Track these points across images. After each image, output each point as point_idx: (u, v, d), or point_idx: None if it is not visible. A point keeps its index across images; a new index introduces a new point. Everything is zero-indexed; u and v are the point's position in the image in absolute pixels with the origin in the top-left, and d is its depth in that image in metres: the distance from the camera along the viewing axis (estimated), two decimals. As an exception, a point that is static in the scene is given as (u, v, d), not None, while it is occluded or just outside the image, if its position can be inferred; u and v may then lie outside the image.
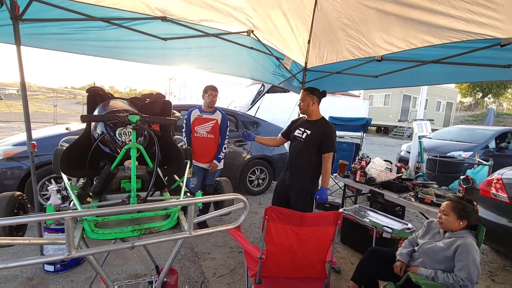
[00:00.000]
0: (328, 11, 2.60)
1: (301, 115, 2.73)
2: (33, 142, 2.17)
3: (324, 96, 2.57)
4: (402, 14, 2.18)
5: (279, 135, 2.81)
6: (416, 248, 1.96)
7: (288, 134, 2.70)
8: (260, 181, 4.85)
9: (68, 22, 2.23)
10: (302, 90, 2.61)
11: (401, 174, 3.56)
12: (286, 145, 5.11)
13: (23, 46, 1.99)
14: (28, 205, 1.16)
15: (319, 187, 2.44)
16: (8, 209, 0.94)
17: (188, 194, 1.45)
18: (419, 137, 4.36)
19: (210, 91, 3.05)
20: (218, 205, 1.41)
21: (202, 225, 3.08)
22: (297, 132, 2.59)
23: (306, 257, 1.82)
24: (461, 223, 1.77)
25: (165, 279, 1.39)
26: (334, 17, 2.62)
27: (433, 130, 5.69)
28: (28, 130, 2.16)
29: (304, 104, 2.51)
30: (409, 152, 6.37)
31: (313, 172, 2.48)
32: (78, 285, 2.17)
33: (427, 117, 5.24)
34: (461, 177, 2.81)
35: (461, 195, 2.64)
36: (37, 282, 2.18)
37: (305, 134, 2.52)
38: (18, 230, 0.99)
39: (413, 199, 2.76)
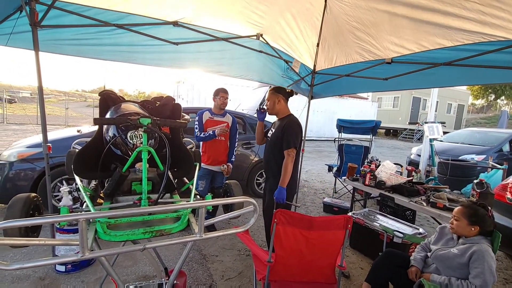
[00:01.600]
0: (338, 14, 2.59)
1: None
2: (49, 144, 2.22)
3: (292, 95, 2.53)
4: (413, 16, 2.15)
5: None
6: (429, 254, 1.92)
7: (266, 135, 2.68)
8: (268, 184, 4.83)
9: (82, 28, 2.28)
10: (268, 90, 2.57)
11: (412, 178, 3.50)
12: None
13: (40, 51, 2.05)
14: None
15: (278, 186, 2.29)
16: (24, 210, 0.97)
17: (198, 196, 1.45)
18: (431, 140, 4.27)
19: (222, 93, 3.09)
20: (228, 207, 1.41)
21: (210, 227, 3.09)
22: (269, 133, 2.58)
23: (315, 261, 1.81)
24: (472, 229, 1.73)
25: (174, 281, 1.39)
26: (343, 20, 2.60)
27: (444, 133, 5.58)
28: (44, 132, 2.21)
29: (270, 103, 2.49)
30: (419, 155, 6.26)
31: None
32: (88, 286, 2.20)
33: (438, 119, 5.15)
34: (475, 181, 2.74)
35: (475, 199, 2.57)
36: (48, 282, 2.22)
37: (271, 133, 2.52)
38: (33, 231, 1.01)
39: (424, 204, 2.70)
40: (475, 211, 1.75)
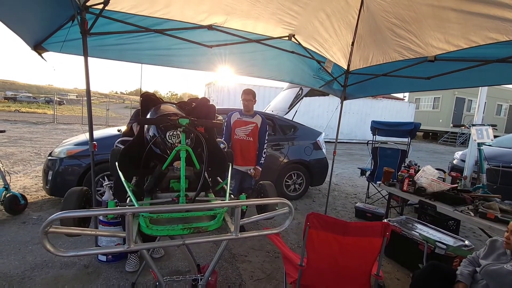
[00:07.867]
0: (375, 11, 2.48)
1: None
2: (94, 142, 2.40)
3: None
4: (462, 9, 1.99)
5: None
6: (477, 269, 1.75)
7: None
8: (297, 186, 4.77)
9: (125, 34, 2.44)
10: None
11: (456, 185, 3.22)
12: (324, 150, 5.02)
13: (88, 57, 2.22)
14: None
15: None
16: (78, 202, 1.05)
17: (232, 196, 1.47)
18: (479, 145, 3.89)
19: (244, 95, 3.10)
20: (261, 208, 1.41)
21: (240, 227, 3.11)
22: None
23: (349, 268, 1.74)
24: None
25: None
26: (381, 17, 2.48)
27: (494, 136, 5.06)
28: (91, 132, 2.40)
29: None
30: (463, 161, 5.75)
31: None
32: (126, 275, 2.33)
33: (486, 121, 4.68)
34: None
35: (533, 212, 2.30)
36: (92, 270, 2.40)
37: None
38: (84, 222, 1.09)
39: (472, 213, 2.47)
40: None
